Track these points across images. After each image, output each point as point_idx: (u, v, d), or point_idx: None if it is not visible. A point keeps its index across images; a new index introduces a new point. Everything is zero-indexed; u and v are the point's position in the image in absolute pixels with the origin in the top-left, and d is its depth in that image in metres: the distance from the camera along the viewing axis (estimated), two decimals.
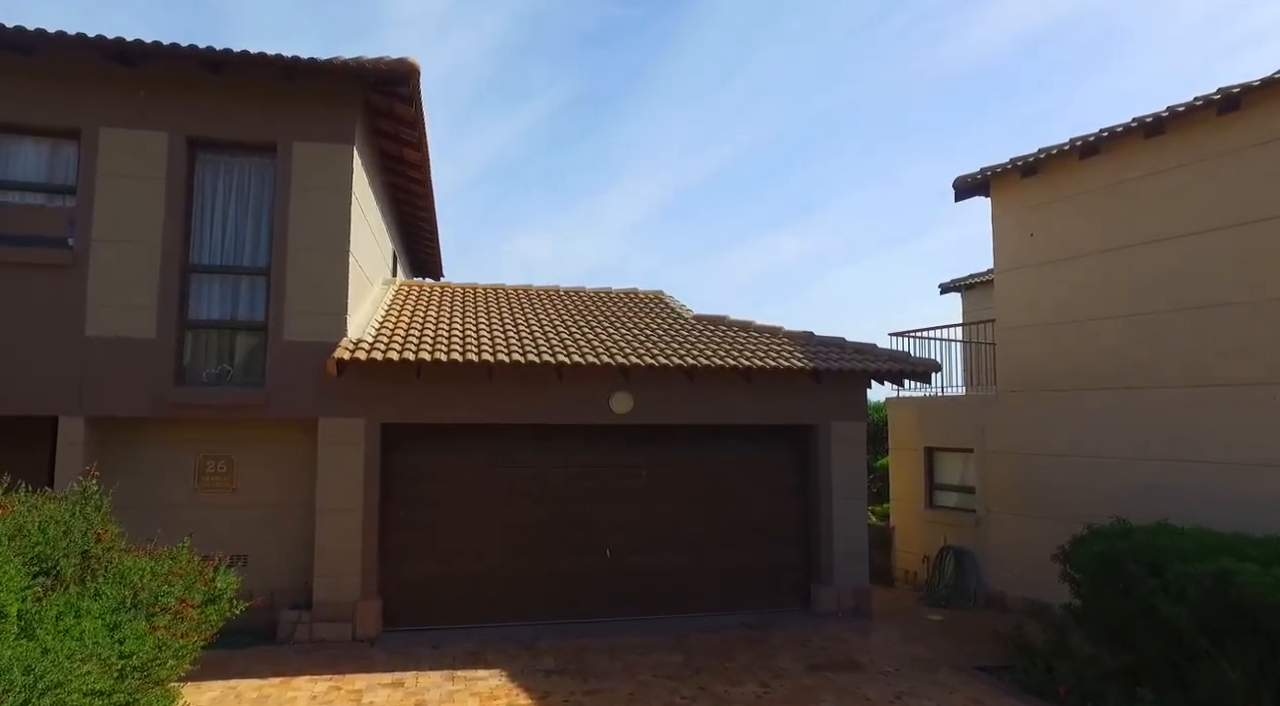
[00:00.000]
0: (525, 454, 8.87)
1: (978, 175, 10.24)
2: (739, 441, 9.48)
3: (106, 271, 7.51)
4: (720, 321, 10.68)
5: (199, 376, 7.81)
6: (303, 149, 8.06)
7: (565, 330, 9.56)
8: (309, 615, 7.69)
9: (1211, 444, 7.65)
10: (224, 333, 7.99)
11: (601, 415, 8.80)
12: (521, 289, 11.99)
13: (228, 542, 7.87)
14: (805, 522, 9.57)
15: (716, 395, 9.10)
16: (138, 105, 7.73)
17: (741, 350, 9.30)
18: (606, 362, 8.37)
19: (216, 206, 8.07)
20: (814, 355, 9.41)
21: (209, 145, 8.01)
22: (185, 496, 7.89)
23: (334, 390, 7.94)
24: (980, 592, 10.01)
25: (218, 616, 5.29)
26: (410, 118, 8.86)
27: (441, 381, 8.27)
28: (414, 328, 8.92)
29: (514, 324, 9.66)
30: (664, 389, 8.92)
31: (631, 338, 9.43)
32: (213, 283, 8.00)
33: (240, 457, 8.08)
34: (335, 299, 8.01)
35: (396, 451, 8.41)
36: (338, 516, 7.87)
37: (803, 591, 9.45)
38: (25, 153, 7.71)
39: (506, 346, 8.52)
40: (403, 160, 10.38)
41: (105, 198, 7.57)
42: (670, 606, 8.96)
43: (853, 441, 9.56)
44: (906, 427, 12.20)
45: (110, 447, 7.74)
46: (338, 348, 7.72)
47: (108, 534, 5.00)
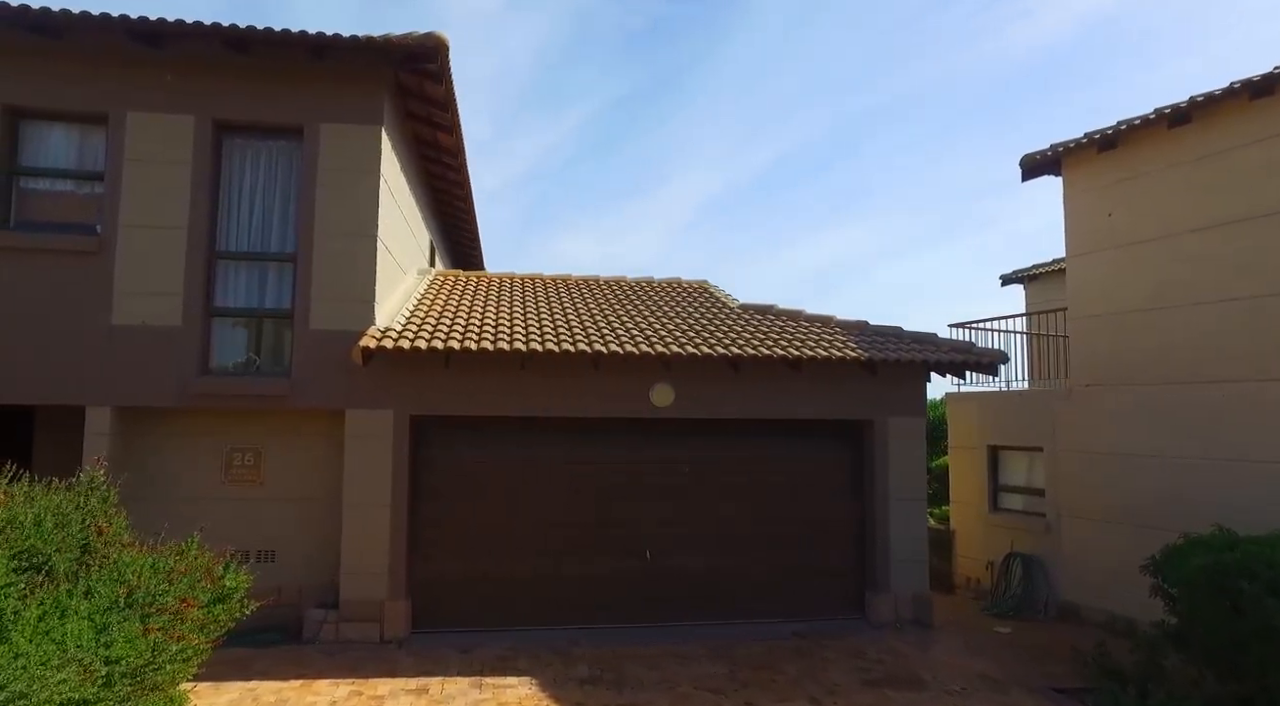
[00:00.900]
0: (561, 449, 8.43)
1: (1048, 151, 9.43)
2: (788, 437, 8.89)
3: (132, 258, 7.34)
4: (767, 310, 10.09)
5: (225, 366, 7.58)
6: (330, 131, 7.76)
7: (604, 319, 9.10)
8: (335, 614, 7.38)
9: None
10: (250, 321, 7.75)
11: (641, 409, 8.31)
12: (560, 278, 11.59)
13: (255, 537, 7.70)
14: (860, 525, 8.92)
15: (763, 388, 8.53)
16: (165, 88, 7.53)
17: (790, 340, 8.71)
18: (646, 352, 7.88)
19: (243, 191, 7.84)
20: (869, 345, 8.76)
21: (236, 128, 7.78)
22: (213, 489, 7.67)
23: (361, 381, 7.62)
24: (1051, 603, 9.21)
25: (226, 616, 4.97)
26: (441, 98, 8.52)
27: (473, 372, 7.90)
28: (445, 316, 8.57)
29: (550, 313, 9.25)
30: (707, 381, 8.39)
31: (673, 327, 8.92)
32: (239, 269, 7.77)
33: (268, 450, 7.83)
34: (363, 286, 7.70)
35: (426, 445, 8.06)
36: (365, 512, 7.55)
37: (857, 598, 8.80)
38: (55, 139, 7.59)
39: (541, 335, 8.10)
40: (437, 146, 10.07)
41: (132, 183, 7.40)
42: (713, 612, 8.42)
43: (911, 438, 8.87)
44: (967, 425, 11.40)
45: (137, 439, 7.56)
46: (364, 336, 7.41)
47: (112, 527, 4.71)
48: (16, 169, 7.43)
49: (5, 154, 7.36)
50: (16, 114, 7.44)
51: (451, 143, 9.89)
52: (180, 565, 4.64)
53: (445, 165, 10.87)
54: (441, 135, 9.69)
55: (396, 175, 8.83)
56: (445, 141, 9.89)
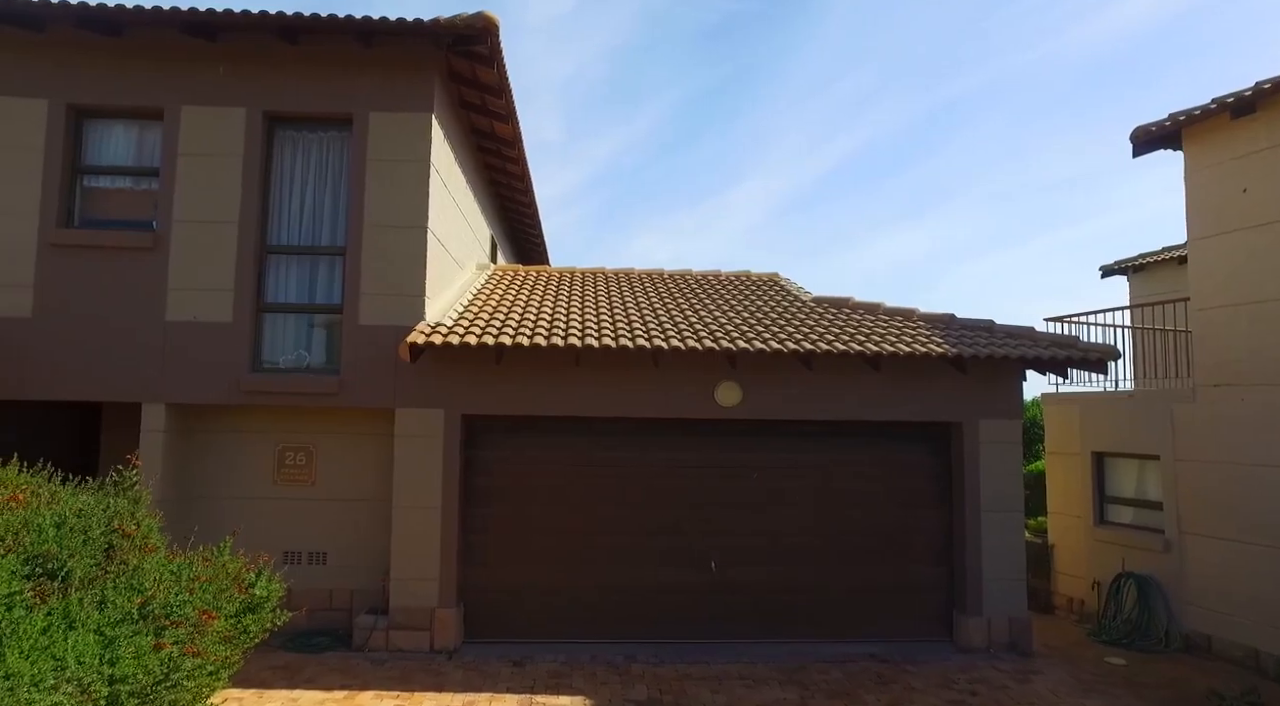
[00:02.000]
0: (620, 451, 7.94)
1: (1166, 122, 8.33)
2: (867, 440, 8.14)
3: (185, 254, 7.26)
4: (843, 303, 9.35)
5: (275, 362, 7.42)
6: (380, 119, 7.51)
7: (666, 314, 8.57)
8: (386, 621, 7.11)
9: None
10: (301, 317, 7.57)
11: (706, 408, 7.74)
12: (623, 272, 11.12)
13: (307, 539, 7.52)
14: (946, 538, 8.10)
15: (839, 386, 7.83)
16: (217, 81, 7.43)
17: (869, 335, 7.97)
18: (710, 348, 7.31)
19: (294, 184, 7.68)
20: (957, 340, 7.93)
21: (286, 120, 7.62)
22: (265, 488, 7.53)
23: (411, 378, 7.33)
24: (1173, 633, 8.13)
25: (257, 627, 4.68)
26: (495, 84, 8.16)
27: (526, 369, 7.50)
28: (499, 311, 8.22)
29: (609, 307, 8.78)
30: (778, 379, 7.75)
31: (741, 322, 8.31)
32: (289, 264, 7.60)
33: (320, 449, 7.64)
34: (413, 279, 7.41)
35: (479, 446, 7.72)
36: (415, 515, 7.25)
37: (944, 619, 7.99)
38: (115, 136, 7.59)
39: (598, 330, 7.64)
40: (494, 136, 9.75)
41: (186, 178, 7.33)
42: (784, 630, 7.77)
43: (1005, 443, 7.99)
44: (1067, 428, 10.32)
45: (191, 436, 7.49)
46: (413, 332, 7.10)
47: (139, 529, 4.47)
48: (80, 167, 7.47)
49: (70, 152, 7.40)
50: (80, 113, 7.48)
51: (509, 132, 9.55)
52: (205, 572, 4.36)
53: (504, 157, 10.55)
54: (498, 125, 9.35)
55: (450, 166, 8.54)
56: (502, 132, 9.56)
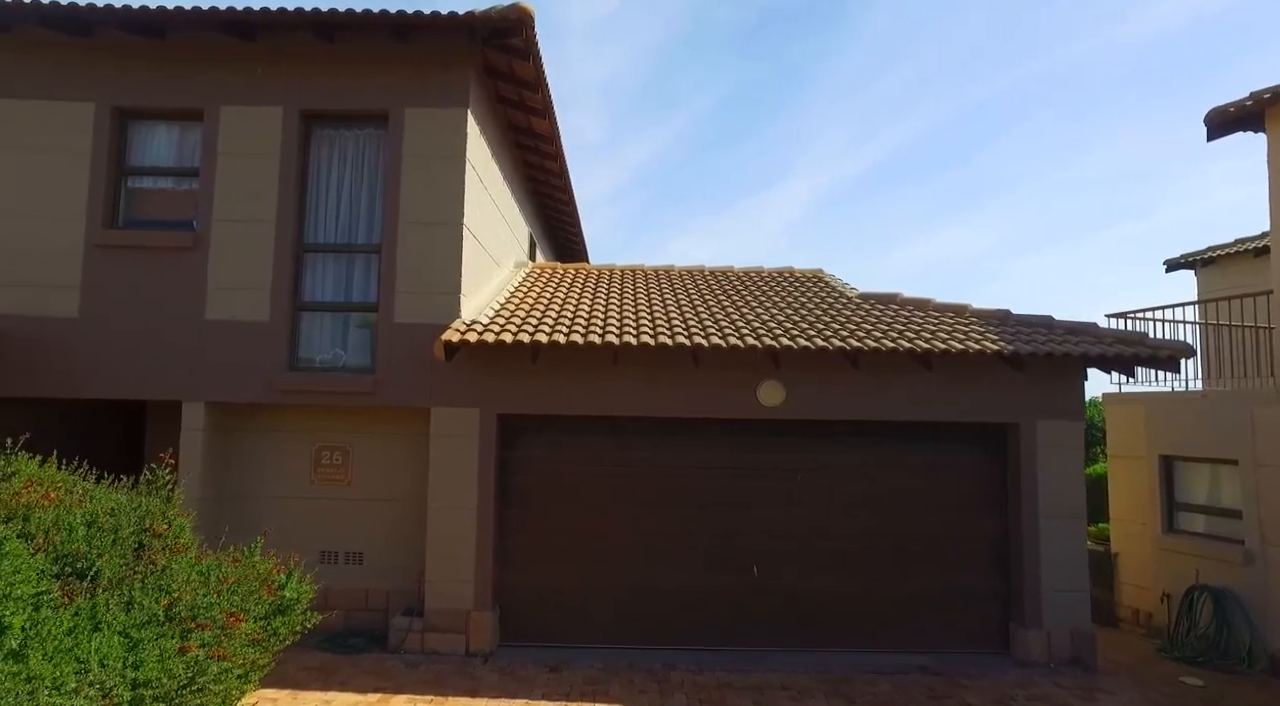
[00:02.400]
0: (660, 452, 7.73)
1: (1247, 102, 7.77)
2: (917, 442, 7.79)
3: (224, 253, 7.30)
4: (890, 299, 8.99)
5: (311, 361, 7.40)
6: (415, 115, 7.44)
7: (706, 310, 8.34)
8: (420, 623, 7.02)
9: None
10: (337, 315, 7.54)
11: (748, 408, 7.48)
12: (662, 269, 10.91)
13: (343, 539, 7.49)
14: (1003, 545, 7.69)
15: (888, 386, 7.49)
16: (255, 81, 7.46)
17: (919, 332, 7.62)
18: (752, 345, 7.05)
19: (330, 182, 7.66)
20: (1013, 337, 7.52)
21: (322, 118, 7.61)
22: (301, 488, 7.53)
23: (446, 377, 7.24)
24: (1258, 652, 7.56)
25: (287, 629, 4.60)
26: (531, 78, 8.03)
27: (563, 368, 7.35)
28: (536, 309, 8.08)
29: (648, 304, 8.58)
30: (823, 378, 7.46)
31: (784, 318, 8.03)
32: (326, 262, 7.59)
33: (356, 448, 7.61)
34: (448, 277, 7.32)
35: (514, 446, 7.59)
36: (450, 516, 7.15)
37: (999, 631, 7.59)
38: (158, 137, 7.68)
39: (636, 327, 7.44)
40: (532, 132, 9.64)
41: (224, 177, 7.37)
42: (829, 638, 7.47)
43: (1066, 445, 7.54)
44: (1132, 430, 9.76)
45: (229, 434, 7.53)
46: (448, 330, 7.01)
47: (170, 528, 4.43)
48: (125, 168, 7.57)
49: (115, 154, 7.50)
50: (126, 115, 7.57)
51: (546, 128, 9.43)
52: (233, 573, 4.29)
53: (543, 154, 10.44)
54: (535, 121, 9.23)
55: (487, 162, 8.44)
56: (540, 127, 9.44)
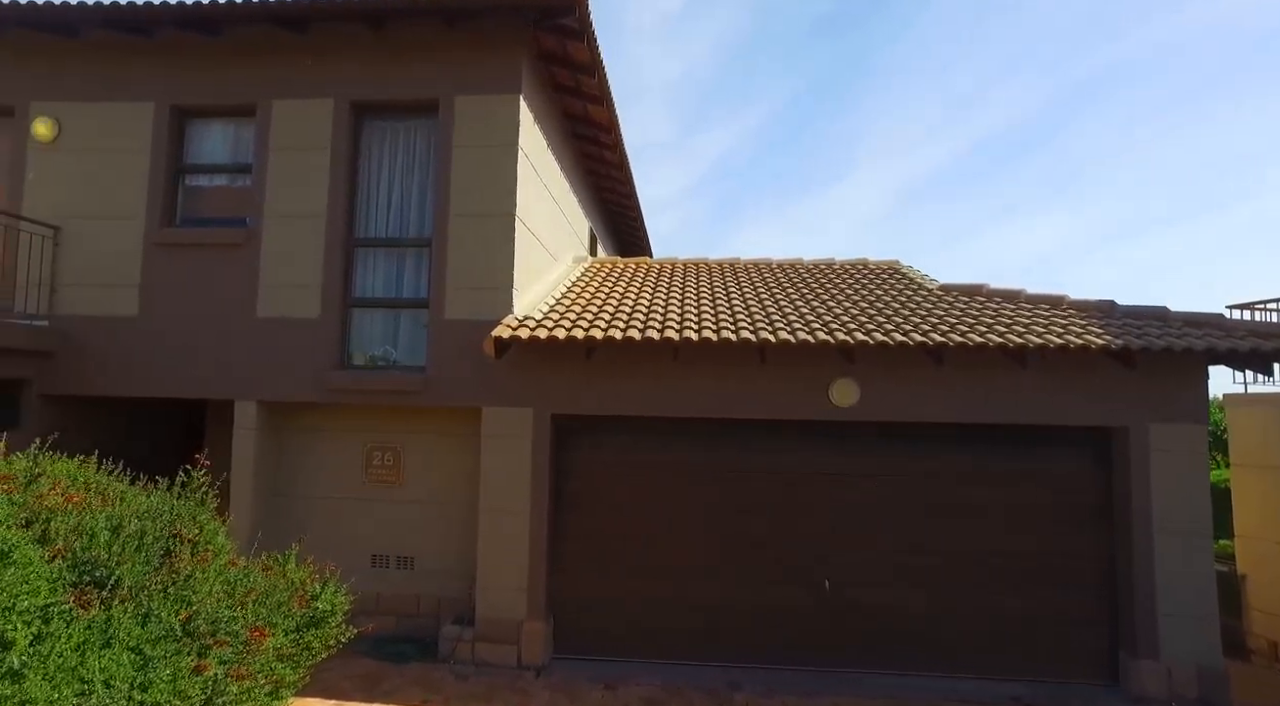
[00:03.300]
0: (723, 455, 7.23)
1: None
2: (1009, 447, 7.04)
3: (276, 249, 7.19)
4: (976, 291, 8.23)
5: (362, 359, 7.22)
6: (465, 103, 7.17)
7: (773, 304, 7.79)
8: (471, 633, 6.73)
9: None
10: (388, 312, 7.34)
11: (819, 409, 6.91)
12: (727, 263, 10.40)
13: (394, 542, 7.29)
14: (1109, 563, 6.87)
15: (975, 384, 6.79)
16: (306, 74, 7.33)
17: (1009, 325, 6.88)
18: (824, 340, 6.48)
19: (381, 175, 7.47)
20: (1121, 330, 6.71)
21: (373, 109, 7.41)
22: (354, 488, 7.36)
23: (497, 375, 6.93)
24: None
25: (320, 644, 4.32)
26: (587, 62, 7.66)
27: (620, 366, 6.94)
28: (593, 304, 7.70)
29: (711, 299, 8.09)
30: (902, 376, 6.82)
31: (858, 312, 7.41)
32: (376, 257, 7.39)
33: (407, 449, 7.39)
34: (500, 271, 7.01)
35: (570, 447, 7.23)
36: (502, 521, 6.84)
37: (1106, 660, 6.77)
38: (213, 134, 7.65)
39: (698, 323, 6.97)
40: (590, 121, 9.29)
41: (276, 173, 7.27)
42: (909, 660, 6.82)
43: (1186, 452, 6.66)
44: (1263, 435, 8.69)
45: (282, 434, 7.43)
46: (500, 325, 6.70)
47: (202, 533, 4.22)
48: (183, 166, 7.57)
49: (174, 153, 7.51)
50: (183, 114, 7.58)
51: (603, 117, 9.06)
52: (262, 583, 4.04)
53: (601, 145, 10.08)
54: (592, 108, 8.87)
55: (542, 151, 8.12)
56: (597, 116, 9.08)
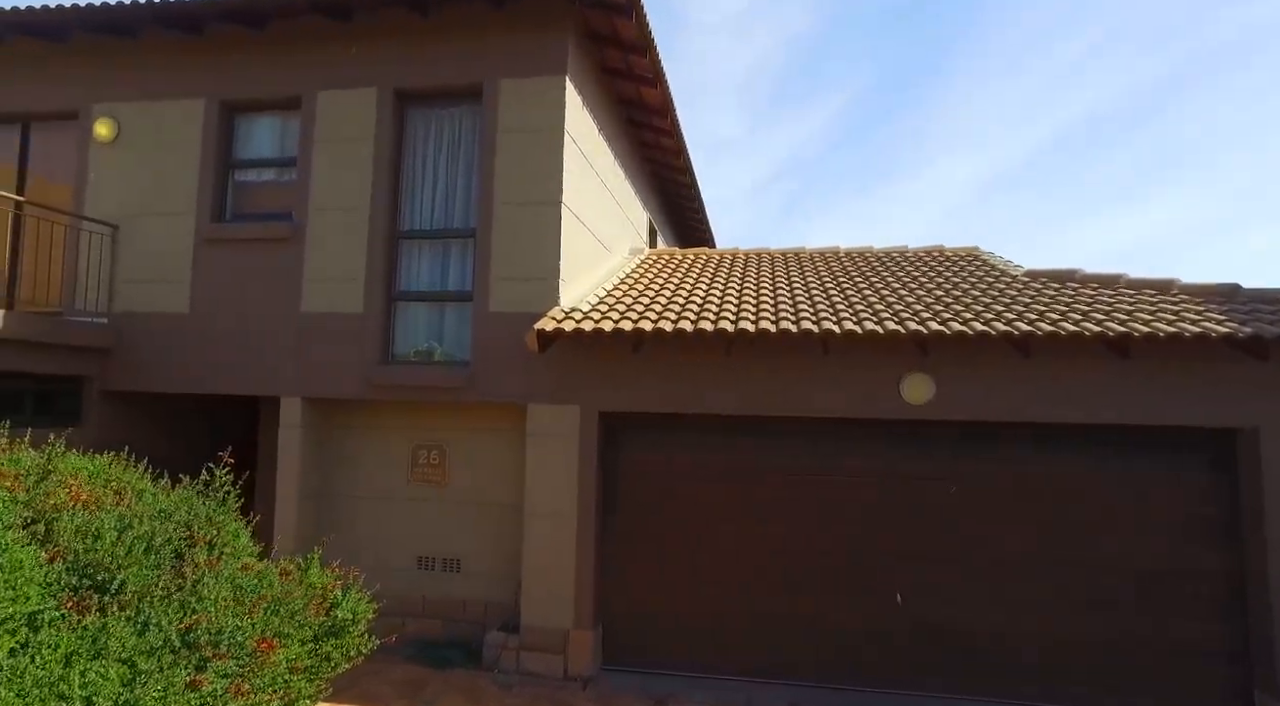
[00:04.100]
0: (783, 457, 6.69)
1: None
2: (1110, 449, 6.26)
3: (320, 243, 7.05)
4: (1068, 276, 7.44)
5: (406, 354, 7.01)
6: (510, 87, 6.86)
7: (839, 293, 7.21)
8: (516, 640, 6.42)
9: None
10: (432, 306, 7.10)
11: (889, 406, 6.30)
12: (790, 252, 9.82)
13: (440, 543, 7.06)
14: (1234, 583, 6.02)
15: (1069, 379, 6.05)
16: (350, 63, 7.17)
17: (1109, 312, 6.11)
18: (894, 330, 5.87)
19: (425, 166, 7.24)
20: (1248, 316, 5.85)
21: (416, 96, 7.19)
22: (398, 488, 7.16)
23: (542, 371, 6.59)
24: None
25: (340, 655, 4.05)
26: (637, 40, 7.26)
27: (672, 360, 6.50)
28: (644, 295, 7.29)
29: (772, 289, 7.56)
30: (983, 370, 6.15)
31: (933, 300, 6.76)
32: (421, 250, 7.17)
33: (452, 447, 7.14)
34: (545, 261, 6.67)
35: (619, 447, 6.83)
36: (547, 524, 6.50)
37: (1235, 695, 5.92)
38: (261, 128, 7.60)
39: (755, 313, 6.47)
40: (643, 105, 8.88)
41: (320, 165, 7.14)
42: (991, 686, 6.13)
43: None
44: None
45: (327, 431, 7.29)
46: (544, 318, 6.36)
47: (220, 534, 4.01)
48: (232, 162, 7.54)
49: (223, 148, 7.49)
50: (232, 109, 7.55)
51: (657, 99, 8.62)
52: (273, 590, 3.78)
53: (657, 131, 9.66)
54: (645, 90, 8.46)
55: (592, 136, 7.75)
56: (650, 98, 8.65)
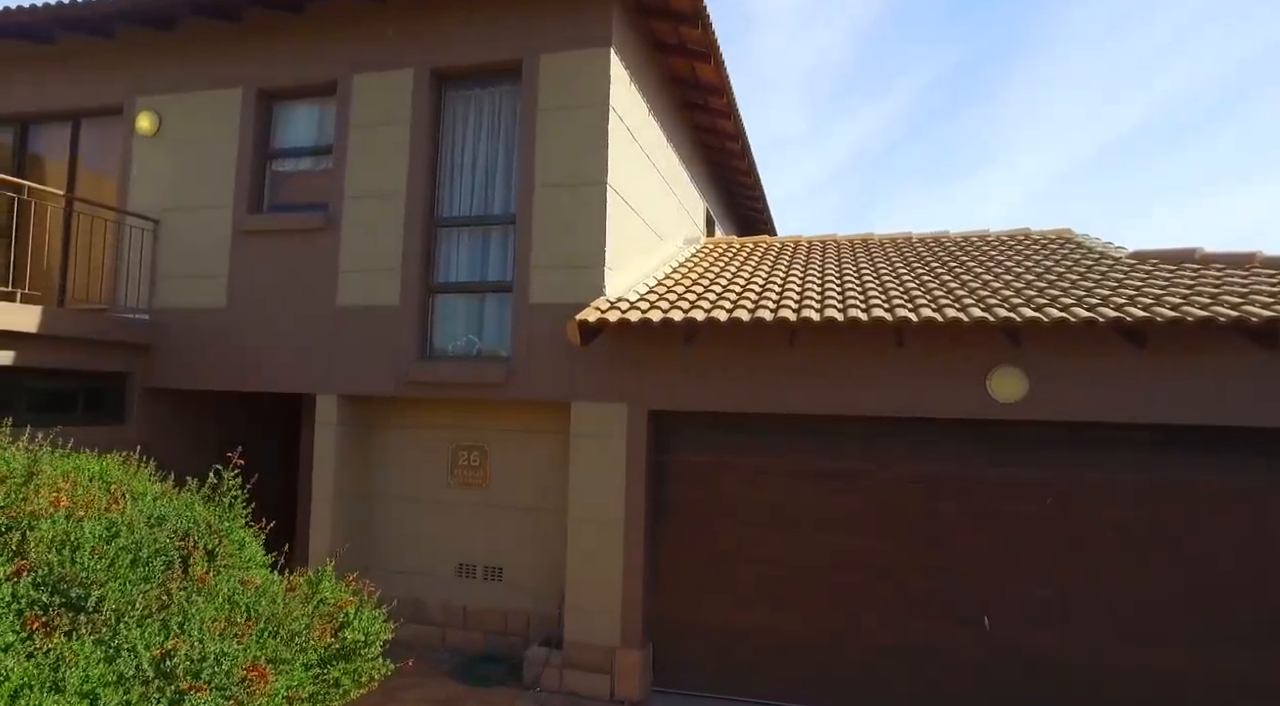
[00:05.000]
0: (852, 461, 6.01)
1: None
2: (1239, 455, 5.35)
3: (355, 233, 6.73)
4: (1185, 257, 6.52)
5: (444, 349, 6.61)
6: (551, 62, 6.39)
7: (914, 280, 6.48)
8: (559, 657, 5.94)
9: None
10: (471, 297, 6.68)
11: (975, 405, 5.55)
12: (859, 239, 9.08)
13: (481, 550, 6.64)
14: None
15: (1188, 374, 5.19)
16: (386, 45, 6.84)
17: (1245, 295, 5.23)
18: (980, 318, 5.14)
19: (465, 150, 6.84)
20: None
21: (454, 76, 6.80)
22: (438, 490, 6.78)
23: (587, 365, 6.09)
24: None
25: (351, 681, 3.62)
26: (688, 9, 6.69)
27: (728, 354, 5.91)
28: (698, 284, 6.72)
29: (838, 276, 6.88)
30: (1086, 363, 5.34)
31: (1023, 285, 5.98)
32: (459, 238, 6.76)
33: (494, 447, 6.72)
34: (589, 247, 6.17)
35: (671, 449, 6.27)
36: (592, 532, 6.00)
37: None
38: (298, 117, 7.34)
39: (820, 301, 5.82)
40: (698, 83, 8.30)
41: (356, 152, 6.82)
42: None
43: None
44: None
45: (363, 429, 6.97)
46: (587, 308, 5.85)
47: (222, 544, 3.64)
48: (270, 152, 7.31)
49: (261, 137, 7.26)
50: (270, 97, 7.32)
51: (713, 77, 8.04)
52: (266, 608, 3.37)
53: (713, 112, 9.06)
54: (699, 67, 7.87)
55: (641, 115, 7.22)
56: (705, 76, 8.07)
